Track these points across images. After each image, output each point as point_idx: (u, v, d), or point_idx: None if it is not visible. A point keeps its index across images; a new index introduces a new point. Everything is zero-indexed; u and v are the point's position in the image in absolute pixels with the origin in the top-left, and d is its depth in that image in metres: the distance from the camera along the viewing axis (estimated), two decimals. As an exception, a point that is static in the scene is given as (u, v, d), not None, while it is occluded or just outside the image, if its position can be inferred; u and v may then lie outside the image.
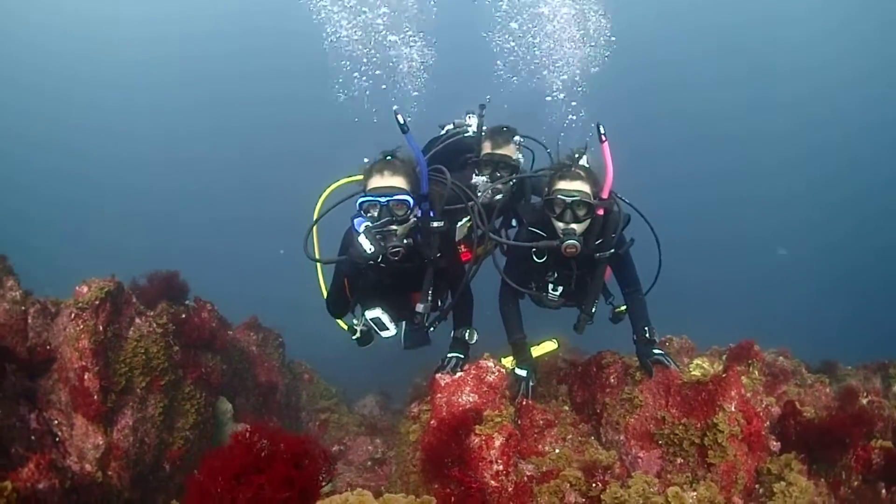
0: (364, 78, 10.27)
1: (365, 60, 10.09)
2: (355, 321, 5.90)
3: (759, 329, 7.50)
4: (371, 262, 5.06)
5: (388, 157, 5.27)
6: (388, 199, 5.01)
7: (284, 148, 38.03)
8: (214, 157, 38.80)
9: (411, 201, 5.08)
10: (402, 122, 5.24)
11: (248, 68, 42.00)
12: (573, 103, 9.41)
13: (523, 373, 5.55)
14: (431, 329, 5.89)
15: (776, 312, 21.79)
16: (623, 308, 5.90)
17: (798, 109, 37.47)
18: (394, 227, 5.04)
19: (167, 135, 39.24)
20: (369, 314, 5.65)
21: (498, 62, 10.21)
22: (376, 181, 5.12)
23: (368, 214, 5.07)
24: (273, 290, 20.39)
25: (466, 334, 5.67)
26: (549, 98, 9.47)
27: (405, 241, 5.08)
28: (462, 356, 5.56)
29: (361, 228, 5.07)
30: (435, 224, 5.34)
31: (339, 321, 6.20)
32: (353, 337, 5.95)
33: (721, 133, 37.95)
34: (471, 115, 6.98)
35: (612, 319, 6.08)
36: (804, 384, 6.87)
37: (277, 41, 40.35)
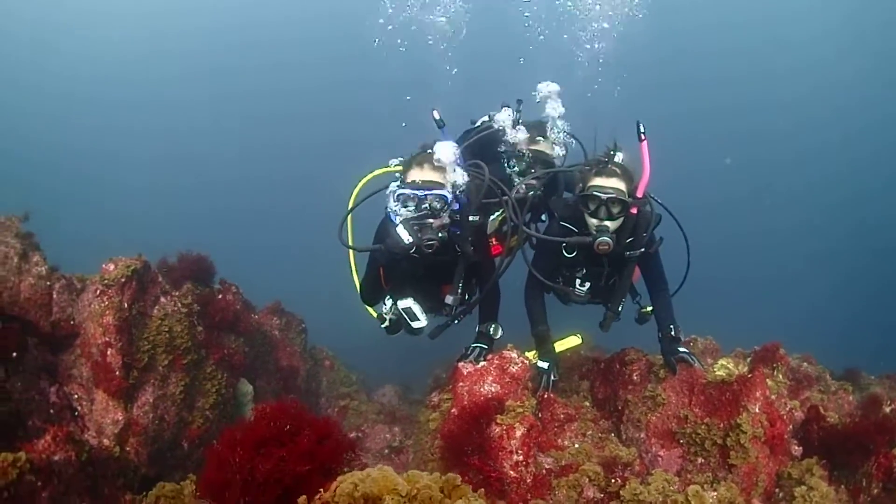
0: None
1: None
2: (385, 309, 5.93)
3: (772, 331, 7.43)
4: (407, 252, 5.12)
5: (429, 151, 5.32)
6: (427, 192, 5.12)
7: (311, 139, 38.01)
8: (239, 149, 38.80)
9: (449, 196, 5.18)
10: (437, 118, 5.51)
11: (258, 61, 41.82)
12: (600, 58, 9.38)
13: (545, 366, 5.54)
14: (456, 322, 5.89)
15: (787, 314, 21.58)
16: (649, 309, 5.86)
17: (803, 107, 37.06)
18: (430, 220, 5.16)
19: (185, 131, 39.18)
20: (402, 304, 5.70)
21: (526, 14, 10.17)
22: (415, 174, 5.22)
23: (406, 206, 5.17)
24: (298, 277, 20.42)
25: (491, 329, 5.72)
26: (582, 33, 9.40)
27: (440, 234, 5.20)
28: (486, 347, 5.58)
29: (398, 219, 5.18)
30: (471, 218, 5.45)
31: (369, 309, 6.26)
32: (382, 325, 5.96)
33: (742, 130, 37.53)
34: (506, 108, 6.94)
35: (638, 320, 6.03)
36: (828, 391, 6.81)
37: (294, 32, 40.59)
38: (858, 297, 27.31)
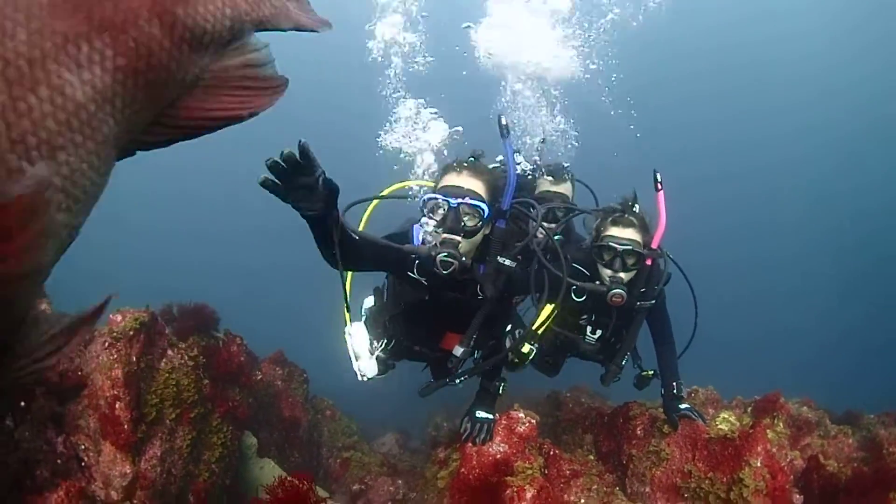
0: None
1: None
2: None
3: (778, 375, 7.47)
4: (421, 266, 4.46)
5: (472, 158, 4.56)
6: (460, 201, 4.22)
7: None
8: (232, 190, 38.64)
9: (486, 210, 4.30)
10: (503, 123, 4.59)
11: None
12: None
13: (490, 416, 5.05)
14: (458, 382, 5.12)
15: (792, 359, 21.57)
16: (650, 372, 5.80)
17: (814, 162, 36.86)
18: (458, 237, 4.25)
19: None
20: (352, 330, 4.71)
21: None
22: (451, 179, 4.38)
23: (433, 216, 4.29)
24: (296, 316, 20.21)
25: (500, 388, 5.20)
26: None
27: (463, 258, 4.23)
28: (492, 417, 4.97)
29: (420, 233, 4.39)
30: (506, 262, 4.54)
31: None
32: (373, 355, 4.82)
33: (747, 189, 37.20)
34: (517, 153, 6.80)
35: (637, 385, 5.95)
36: (827, 435, 6.86)
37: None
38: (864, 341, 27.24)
